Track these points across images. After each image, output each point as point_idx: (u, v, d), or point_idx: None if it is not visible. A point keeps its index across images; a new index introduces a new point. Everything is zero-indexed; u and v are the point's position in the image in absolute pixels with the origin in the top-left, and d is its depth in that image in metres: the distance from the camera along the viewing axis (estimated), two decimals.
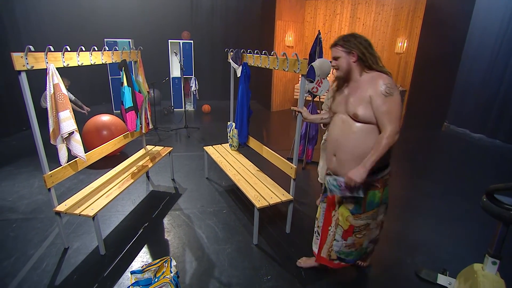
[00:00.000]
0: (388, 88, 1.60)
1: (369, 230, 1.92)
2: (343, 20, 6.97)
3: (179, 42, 6.78)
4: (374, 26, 6.63)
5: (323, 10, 7.12)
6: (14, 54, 1.85)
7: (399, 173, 4.15)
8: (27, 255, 2.29)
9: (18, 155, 4.16)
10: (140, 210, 2.99)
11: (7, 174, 3.58)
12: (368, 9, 6.62)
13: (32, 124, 2.04)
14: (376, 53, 1.74)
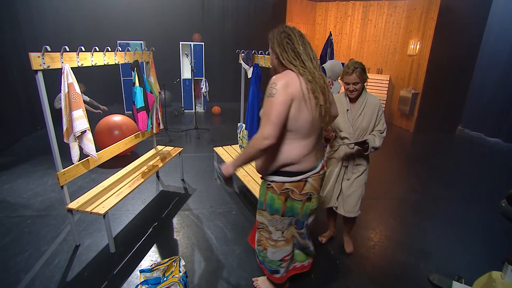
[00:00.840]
0: (269, 88, 1.42)
1: (270, 237, 1.71)
2: (354, 22, 6.92)
3: (190, 44, 6.84)
4: (386, 28, 6.56)
5: (334, 12, 7.08)
6: (31, 54, 1.89)
7: (410, 175, 4.06)
8: (40, 251, 2.32)
9: (34, 153, 4.26)
10: (150, 209, 3.01)
11: (22, 172, 3.66)
12: (380, 11, 6.55)
13: (46, 123, 2.08)
14: (299, 46, 1.46)
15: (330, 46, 3.95)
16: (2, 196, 3.10)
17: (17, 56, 4.78)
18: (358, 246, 2.56)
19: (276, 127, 1.38)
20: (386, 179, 3.93)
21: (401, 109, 6.21)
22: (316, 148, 1.56)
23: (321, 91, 1.46)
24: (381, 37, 6.68)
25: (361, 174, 2.19)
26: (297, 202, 1.60)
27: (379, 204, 3.29)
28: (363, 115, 2.06)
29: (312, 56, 1.49)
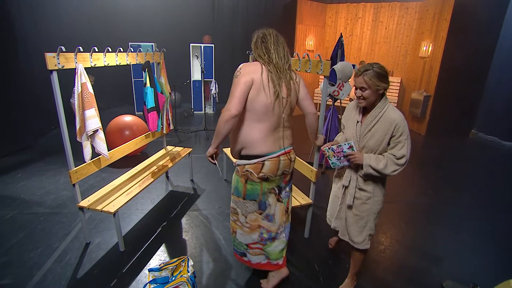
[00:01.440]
0: (236, 71, 1.70)
1: (237, 219, 1.89)
2: (365, 24, 6.85)
3: (201, 46, 6.89)
4: (397, 29, 6.48)
5: (345, 14, 7.03)
6: (47, 54, 1.93)
7: (422, 179, 3.98)
8: (52, 248, 2.36)
9: (47, 152, 4.35)
10: (159, 209, 3.02)
11: (36, 170, 3.74)
12: (391, 13, 6.47)
13: (60, 122, 2.11)
14: (271, 45, 1.74)
15: (340, 47, 3.94)
16: (17, 194, 3.17)
17: (33, 57, 4.90)
18: (368, 249, 2.51)
19: (237, 100, 1.60)
20: (397, 182, 3.85)
21: (412, 112, 6.10)
22: (275, 135, 1.74)
23: (285, 85, 1.71)
24: (392, 39, 6.59)
25: (364, 201, 1.80)
26: (256, 184, 1.76)
27: (390, 207, 3.22)
28: (373, 132, 1.69)
29: (282, 54, 1.74)
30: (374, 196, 1.80)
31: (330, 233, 2.70)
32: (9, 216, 2.77)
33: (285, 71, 1.73)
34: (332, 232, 2.69)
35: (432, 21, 5.69)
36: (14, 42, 4.45)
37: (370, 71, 1.64)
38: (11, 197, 3.10)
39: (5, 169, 3.74)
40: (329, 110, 3.93)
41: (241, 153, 1.77)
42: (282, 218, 1.92)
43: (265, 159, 1.72)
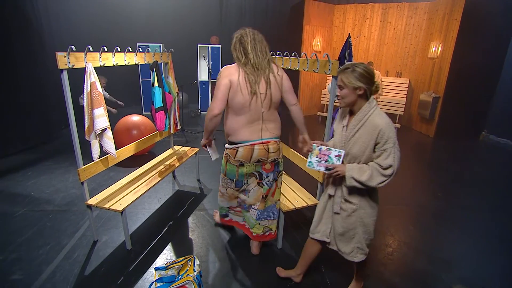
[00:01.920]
0: (218, 75, 1.96)
1: (220, 190, 2.29)
2: (373, 25, 6.80)
3: (208, 47, 6.92)
4: (405, 30, 6.40)
5: (352, 14, 6.98)
6: (58, 53, 1.95)
7: (431, 182, 3.91)
8: (61, 245, 2.39)
9: (57, 151, 4.41)
10: (165, 208, 3.04)
11: (46, 169, 3.80)
12: (399, 13, 6.40)
13: (70, 120, 2.14)
14: (248, 46, 1.94)
15: (348, 48, 3.90)
16: (27, 191, 3.22)
17: (47, 56, 4.98)
18: (376, 251, 2.48)
19: (219, 101, 1.88)
20: (405, 184, 3.80)
21: (421, 113, 6.02)
22: (253, 127, 2.00)
23: (264, 80, 1.93)
24: (400, 39, 6.52)
25: (350, 214, 1.68)
26: (233, 166, 2.08)
27: (398, 210, 3.18)
28: (357, 138, 1.57)
29: (260, 51, 1.94)
30: (360, 208, 1.65)
31: None
32: (19, 213, 2.81)
33: (264, 67, 1.94)
34: None
35: (441, 21, 5.61)
36: (28, 41, 4.53)
37: (349, 69, 1.55)
38: (21, 195, 3.14)
39: (16, 167, 3.81)
40: (336, 111, 3.88)
41: (228, 139, 2.08)
42: (257, 200, 2.16)
43: (239, 146, 2.02)
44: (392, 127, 1.54)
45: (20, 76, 4.43)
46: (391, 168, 1.51)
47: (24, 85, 4.52)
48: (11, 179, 3.48)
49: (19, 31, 4.34)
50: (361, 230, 1.70)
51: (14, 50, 4.26)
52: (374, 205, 1.68)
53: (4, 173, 3.63)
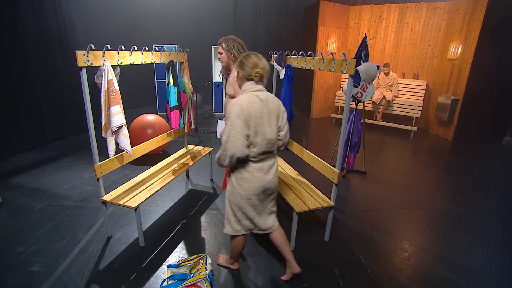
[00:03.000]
0: (236, 73, 1.93)
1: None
2: (389, 26, 6.65)
3: None
4: (423, 31, 6.23)
5: (368, 15, 6.86)
6: (78, 52, 1.99)
7: (450, 186, 3.77)
8: (76, 239, 2.43)
9: (75, 149, 4.52)
10: (178, 206, 3.05)
11: (64, 165, 3.89)
12: (417, 13, 6.24)
13: (87, 117, 2.17)
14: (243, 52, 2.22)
15: (364, 48, 3.83)
16: (46, 186, 3.31)
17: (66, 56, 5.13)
18: (391, 255, 2.40)
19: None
20: (421, 188, 3.68)
21: (438, 116, 5.84)
22: None
23: None
24: (418, 40, 6.35)
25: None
26: None
27: (415, 214, 3.08)
28: None
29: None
30: (229, 183, 1.92)
31: (351, 237, 2.61)
32: (38, 208, 2.89)
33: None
34: (353, 238, 2.60)
35: (462, 21, 5.43)
36: (45, 39, 4.67)
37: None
38: (41, 190, 3.23)
39: (36, 163, 3.92)
40: (351, 112, 3.82)
41: None
42: None
43: None
44: (234, 107, 1.69)
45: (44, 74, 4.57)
46: (223, 143, 1.70)
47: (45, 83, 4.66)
48: (32, 175, 3.59)
49: (37, 27, 4.47)
50: (226, 201, 1.94)
51: (30, 48, 4.38)
52: (235, 185, 1.85)
53: (25, 168, 3.75)
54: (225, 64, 2.39)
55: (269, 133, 1.77)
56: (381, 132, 6.20)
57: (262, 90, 1.81)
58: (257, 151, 1.76)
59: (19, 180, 3.43)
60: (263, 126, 1.74)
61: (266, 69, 1.79)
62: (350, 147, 3.88)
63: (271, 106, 1.79)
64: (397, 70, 6.69)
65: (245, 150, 1.70)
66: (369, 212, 3.07)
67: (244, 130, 1.68)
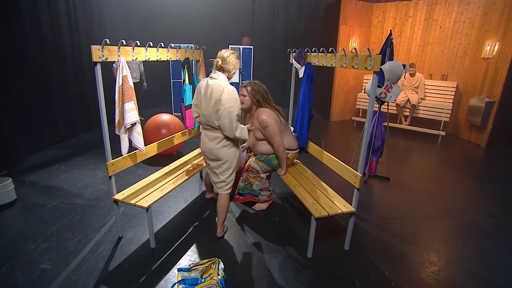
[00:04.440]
0: (264, 122, 2.64)
1: (259, 176, 2.86)
2: (416, 23, 6.45)
3: (239, 48, 6.98)
4: (454, 28, 5.98)
5: (393, 13, 6.69)
6: (93, 46, 2.02)
7: (484, 196, 3.55)
8: (87, 238, 2.46)
9: (89, 147, 4.63)
10: (191, 208, 3.03)
11: (78, 164, 3.99)
12: (448, 9, 6.01)
13: (101, 114, 2.19)
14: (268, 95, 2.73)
15: (389, 46, 3.70)
16: (60, 184, 3.39)
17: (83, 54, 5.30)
18: (418, 268, 2.27)
19: (278, 136, 2.73)
20: (451, 197, 3.49)
21: (470, 120, 5.57)
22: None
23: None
24: (448, 39, 6.11)
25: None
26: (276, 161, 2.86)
27: (444, 224, 2.91)
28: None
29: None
30: None
31: (374, 247, 2.49)
32: (52, 205, 2.95)
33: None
34: (376, 247, 2.48)
35: (500, 17, 5.16)
36: (60, 37, 4.83)
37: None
38: (55, 187, 3.31)
39: (51, 161, 4.04)
40: (374, 114, 3.69)
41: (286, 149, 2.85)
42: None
43: (296, 151, 3.01)
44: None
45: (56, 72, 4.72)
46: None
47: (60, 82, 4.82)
48: (46, 172, 3.69)
49: (52, 26, 4.62)
50: None
51: (46, 46, 4.52)
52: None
53: (40, 166, 3.87)
54: (246, 107, 2.69)
55: (205, 109, 2.24)
56: (406, 136, 5.99)
57: (215, 78, 2.24)
58: (199, 120, 2.36)
59: (34, 178, 3.54)
60: (201, 102, 2.26)
61: (223, 60, 2.24)
62: (372, 151, 3.75)
63: (212, 91, 2.18)
64: (423, 71, 6.47)
65: (194, 114, 2.38)
66: (392, 220, 2.94)
67: (195, 100, 2.35)
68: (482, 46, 5.49)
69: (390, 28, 6.67)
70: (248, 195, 2.99)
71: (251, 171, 2.86)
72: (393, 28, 6.68)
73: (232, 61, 2.28)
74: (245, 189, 2.95)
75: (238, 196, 3.01)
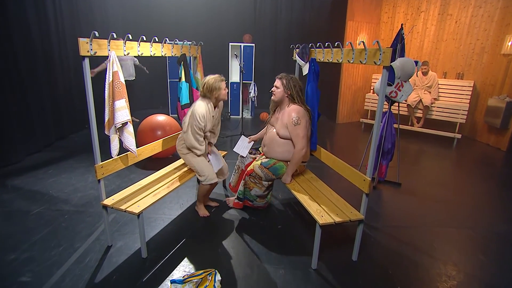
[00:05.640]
0: (296, 119, 2.60)
1: (260, 183, 2.83)
2: (429, 19, 6.41)
3: (240, 45, 6.96)
4: (471, 23, 5.92)
5: (404, 8, 6.66)
6: (80, 39, 1.99)
7: (505, 203, 3.47)
8: (73, 247, 2.41)
9: (79, 150, 4.61)
10: (187, 215, 2.98)
11: (67, 167, 3.96)
12: (464, 3, 5.95)
13: (89, 113, 2.15)
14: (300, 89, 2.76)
15: (400, 41, 3.65)
16: (46, 189, 3.35)
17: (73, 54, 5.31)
18: (434, 282, 2.20)
19: (307, 139, 2.72)
20: (469, 204, 3.41)
21: (489, 122, 5.49)
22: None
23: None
24: (464, 34, 6.05)
25: None
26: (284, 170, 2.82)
27: (461, 234, 2.83)
28: None
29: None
30: None
31: (384, 258, 2.42)
32: (36, 211, 2.91)
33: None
34: (387, 258, 2.42)
35: None
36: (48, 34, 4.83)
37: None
38: (40, 192, 3.28)
39: (39, 164, 4.02)
40: (384, 115, 3.63)
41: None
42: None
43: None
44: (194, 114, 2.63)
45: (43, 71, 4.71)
46: None
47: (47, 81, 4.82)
48: (33, 176, 3.66)
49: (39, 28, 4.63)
50: None
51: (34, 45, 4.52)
52: None
53: (26, 170, 3.84)
54: (277, 99, 2.75)
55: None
56: (418, 139, 5.92)
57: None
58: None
59: (18, 182, 3.51)
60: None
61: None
62: (382, 154, 3.68)
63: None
64: (437, 69, 6.41)
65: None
66: (404, 229, 2.87)
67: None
68: (502, 42, 5.41)
69: (402, 23, 6.63)
70: (245, 199, 2.99)
71: (253, 176, 2.82)
72: (404, 24, 6.64)
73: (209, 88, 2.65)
74: (244, 193, 2.94)
75: (237, 201, 2.99)
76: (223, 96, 2.73)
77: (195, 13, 7.77)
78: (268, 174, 2.77)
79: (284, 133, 2.67)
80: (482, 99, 5.87)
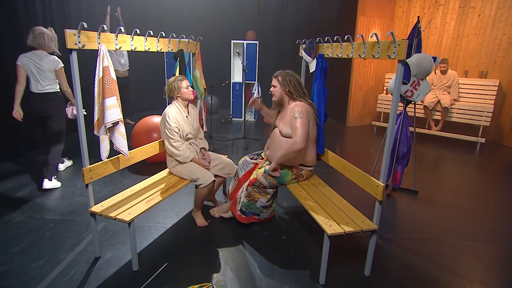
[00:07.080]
0: (298, 113, 2.57)
1: (265, 193, 2.79)
2: (448, 13, 6.37)
3: (243, 43, 6.97)
4: (496, 16, 5.85)
5: (421, 1, 6.65)
6: (67, 30, 1.97)
7: None
8: (57, 259, 2.37)
9: (68, 154, 4.58)
10: (183, 224, 2.95)
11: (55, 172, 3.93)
12: None
13: (78, 112, 2.14)
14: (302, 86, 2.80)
15: (417, 35, 3.61)
16: (31, 196, 3.34)
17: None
18: None
19: (303, 137, 2.54)
20: (496, 215, 3.33)
21: None
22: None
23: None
24: (488, 29, 5.98)
25: None
26: (292, 178, 2.81)
27: (488, 248, 2.76)
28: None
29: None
30: None
31: (400, 273, 2.35)
32: (17, 220, 2.89)
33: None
34: (403, 274, 2.35)
35: None
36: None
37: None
38: (23, 199, 3.26)
39: (23, 169, 4.01)
40: (399, 116, 3.58)
41: (305, 163, 2.80)
42: None
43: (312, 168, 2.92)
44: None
45: None
46: None
47: None
48: (16, 182, 3.66)
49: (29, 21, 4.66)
50: None
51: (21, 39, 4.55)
52: None
53: (9, 174, 3.84)
54: (277, 99, 2.77)
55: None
56: (436, 144, 5.85)
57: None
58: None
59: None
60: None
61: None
62: (396, 159, 3.62)
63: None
64: (457, 68, 6.35)
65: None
66: (423, 241, 2.79)
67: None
68: None
69: (417, 16, 6.61)
70: (251, 214, 2.87)
71: (257, 185, 2.75)
72: (420, 19, 6.61)
73: (169, 88, 2.86)
74: (249, 207, 2.83)
75: (240, 214, 2.87)
76: (187, 95, 2.84)
77: (195, 8, 7.83)
78: (272, 182, 2.73)
79: (286, 131, 2.63)
80: (509, 100, 5.79)
